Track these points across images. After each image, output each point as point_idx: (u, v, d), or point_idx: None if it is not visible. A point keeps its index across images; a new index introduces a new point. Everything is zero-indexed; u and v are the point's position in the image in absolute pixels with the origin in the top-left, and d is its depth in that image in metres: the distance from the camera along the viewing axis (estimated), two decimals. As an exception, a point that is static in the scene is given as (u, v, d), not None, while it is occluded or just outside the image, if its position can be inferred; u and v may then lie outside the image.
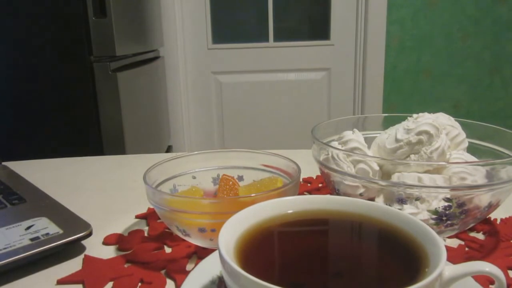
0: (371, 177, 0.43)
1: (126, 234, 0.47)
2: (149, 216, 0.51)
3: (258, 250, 0.29)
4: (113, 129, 1.25)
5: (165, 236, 0.46)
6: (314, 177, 0.63)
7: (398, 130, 0.45)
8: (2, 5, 1.15)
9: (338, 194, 0.45)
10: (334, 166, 0.44)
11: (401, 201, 0.41)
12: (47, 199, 0.52)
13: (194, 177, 0.48)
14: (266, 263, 0.29)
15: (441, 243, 0.26)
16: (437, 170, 0.41)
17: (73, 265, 0.41)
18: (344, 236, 0.33)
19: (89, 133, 1.23)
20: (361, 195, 0.44)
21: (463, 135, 0.47)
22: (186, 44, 2.21)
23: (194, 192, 0.46)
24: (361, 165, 0.43)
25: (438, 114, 0.48)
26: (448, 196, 0.39)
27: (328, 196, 0.35)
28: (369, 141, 0.48)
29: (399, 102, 2.30)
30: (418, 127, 0.43)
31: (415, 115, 0.46)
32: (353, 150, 0.46)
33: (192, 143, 2.35)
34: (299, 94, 2.31)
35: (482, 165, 0.41)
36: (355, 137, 0.47)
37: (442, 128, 0.45)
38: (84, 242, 0.44)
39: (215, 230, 0.38)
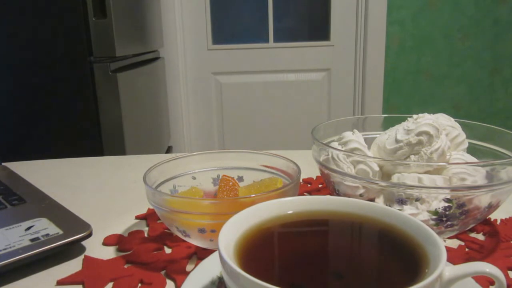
0: (371, 177, 0.43)
1: (126, 235, 0.47)
2: (149, 217, 0.51)
3: (258, 250, 0.29)
4: (113, 129, 1.25)
5: (165, 237, 0.46)
6: (314, 178, 0.63)
7: (398, 131, 0.45)
8: (1, 6, 1.15)
9: (338, 194, 0.45)
10: (334, 167, 0.44)
11: (401, 201, 0.40)
12: (47, 199, 0.52)
13: (194, 178, 0.48)
14: (266, 264, 0.29)
15: (441, 243, 0.26)
16: (437, 171, 0.41)
17: (73, 266, 0.41)
18: (344, 237, 0.33)
19: (89, 133, 1.23)
20: (361, 195, 0.43)
21: (463, 135, 0.47)
22: (186, 44, 2.21)
23: (194, 192, 0.46)
24: (361, 166, 0.43)
25: (438, 115, 0.48)
26: (448, 196, 0.39)
27: (328, 196, 0.35)
28: (369, 141, 0.48)
29: (399, 103, 2.30)
30: (418, 128, 0.43)
31: (415, 116, 0.46)
32: (353, 150, 0.46)
33: (192, 143, 2.35)
34: (299, 95, 2.31)
35: (482, 166, 0.41)
36: (355, 138, 0.47)
37: (442, 128, 0.45)
38: (84, 242, 0.44)
39: (215, 231, 0.38)
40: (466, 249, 0.43)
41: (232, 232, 0.29)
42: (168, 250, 0.44)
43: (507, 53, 2.24)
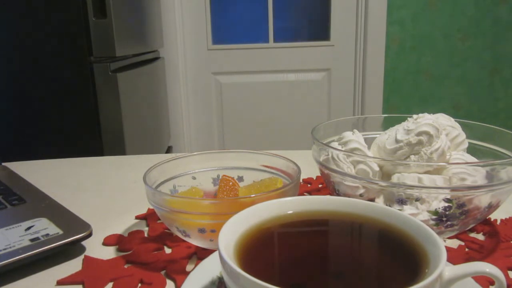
0: (371, 177, 0.43)
1: (126, 235, 0.47)
2: (149, 217, 0.51)
3: (258, 250, 0.29)
4: (113, 129, 1.25)
5: (165, 237, 0.46)
6: (314, 178, 0.63)
7: (398, 131, 0.45)
8: (1, 6, 1.15)
9: (338, 194, 0.45)
10: (334, 167, 0.44)
11: (401, 201, 0.40)
12: (47, 199, 0.52)
13: (194, 178, 0.48)
14: (266, 264, 0.29)
15: (441, 243, 0.26)
16: (437, 171, 0.41)
17: (73, 266, 0.41)
18: (344, 237, 0.33)
19: (89, 133, 1.23)
20: (361, 195, 0.43)
21: (463, 135, 0.47)
22: (186, 44, 2.21)
23: (194, 192, 0.46)
24: (361, 166, 0.43)
25: (438, 115, 0.48)
26: (448, 196, 0.39)
27: (328, 196, 0.34)
28: (369, 141, 0.48)
29: (399, 103, 2.30)
30: (418, 128, 0.43)
31: (415, 116, 0.46)
32: (353, 150, 0.46)
33: (192, 143, 2.34)
34: (299, 95, 2.31)
35: (482, 166, 0.41)
36: (355, 138, 0.47)
37: (442, 128, 0.45)
38: (84, 242, 0.44)
39: (215, 231, 0.38)
40: (466, 249, 0.43)
41: (232, 232, 0.29)
42: (168, 250, 0.44)
43: (507, 53, 2.24)
